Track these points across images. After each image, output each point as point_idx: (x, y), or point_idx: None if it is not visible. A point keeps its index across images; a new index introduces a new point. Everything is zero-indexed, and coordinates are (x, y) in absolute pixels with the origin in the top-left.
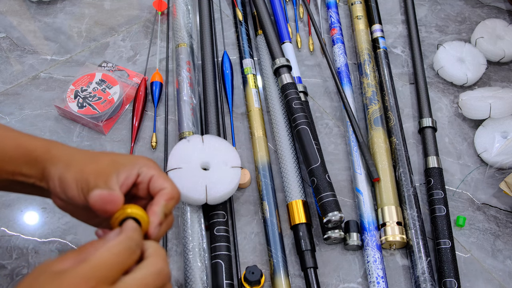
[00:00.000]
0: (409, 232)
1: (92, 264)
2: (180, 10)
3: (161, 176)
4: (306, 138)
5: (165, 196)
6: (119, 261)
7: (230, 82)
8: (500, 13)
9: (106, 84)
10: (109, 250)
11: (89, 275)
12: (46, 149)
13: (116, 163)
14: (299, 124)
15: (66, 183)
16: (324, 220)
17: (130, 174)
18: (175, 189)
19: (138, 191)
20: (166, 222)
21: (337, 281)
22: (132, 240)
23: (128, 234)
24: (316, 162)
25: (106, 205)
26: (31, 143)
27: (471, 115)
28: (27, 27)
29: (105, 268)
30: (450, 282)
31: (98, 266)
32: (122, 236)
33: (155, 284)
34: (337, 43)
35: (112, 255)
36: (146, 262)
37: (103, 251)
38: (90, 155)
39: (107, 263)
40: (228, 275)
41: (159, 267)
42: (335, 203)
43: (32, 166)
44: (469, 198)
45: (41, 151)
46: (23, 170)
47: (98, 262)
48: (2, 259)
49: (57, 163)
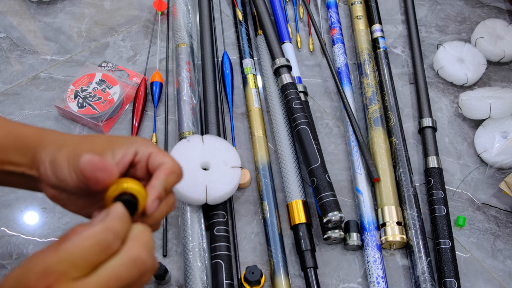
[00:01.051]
0: (409, 232)
1: (59, 256)
2: (180, 10)
3: (160, 152)
4: (306, 138)
5: (165, 171)
6: (90, 254)
7: (230, 82)
8: (500, 13)
9: (106, 84)
10: (82, 241)
11: (52, 267)
12: (38, 135)
13: (111, 142)
14: (299, 124)
15: (57, 163)
16: (324, 220)
17: (126, 153)
18: (176, 163)
19: (137, 172)
20: (166, 202)
21: (337, 281)
22: (110, 232)
23: (108, 225)
24: (316, 162)
25: (97, 172)
26: (21, 130)
27: (471, 115)
28: (27, 27)
29: (72, 262)
30: (450, 282)
31: (65, 259)
32: (100, 227)
33: (129, 275)
34: (337, 43)
35: (82, 248)
36: (122, 249)
37: (76, 241)
38: (84, 137)
39: (75, 256)
40: (228, 275)
41: (134, 254)
42: (335, 203)
43: (23, 154)
44: (469, 198)
45: (32, 137)
46: (13, 158)
47: (65, 254)
48: (2, 259)
49: (49, 146)
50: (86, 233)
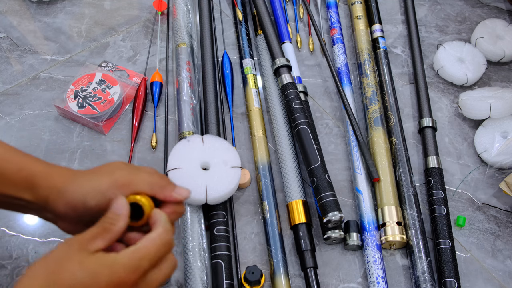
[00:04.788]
0: (409, 232)
1: (140, 255)
2: (180, 10)
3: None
4: (306, 138)
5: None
6: (160, 253)
7: (230, 82)
8: (500, 13)
9: (106, 84)
10: (154, 241)
11: (138, 264)
12: (48, 173)
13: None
14: (299, 124)
15: (73, 203)
16: (324, 220)
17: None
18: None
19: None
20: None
21: (337, 281)
22: (169, 233)
23: (166, 227)
24: (316, 162)
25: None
26: (32, 167)
27: (471, 115)
28: (27, 27)
29: (149, 259)
30: (450, 282)
31: (145, 257)
32: (161, 230)
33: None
34: (337, 43)
35: (155, 247)
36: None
37: (149, 242)
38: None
39: (151, 255)
40: (228, 275)
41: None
42: (335, 203)
43: (34, 193)
44: (469, 198)
45: (43, 177)
46: (25, 196)
47: (144, 253)
48: (2, 259)
49: (61, 187)
50: (154, 235)
